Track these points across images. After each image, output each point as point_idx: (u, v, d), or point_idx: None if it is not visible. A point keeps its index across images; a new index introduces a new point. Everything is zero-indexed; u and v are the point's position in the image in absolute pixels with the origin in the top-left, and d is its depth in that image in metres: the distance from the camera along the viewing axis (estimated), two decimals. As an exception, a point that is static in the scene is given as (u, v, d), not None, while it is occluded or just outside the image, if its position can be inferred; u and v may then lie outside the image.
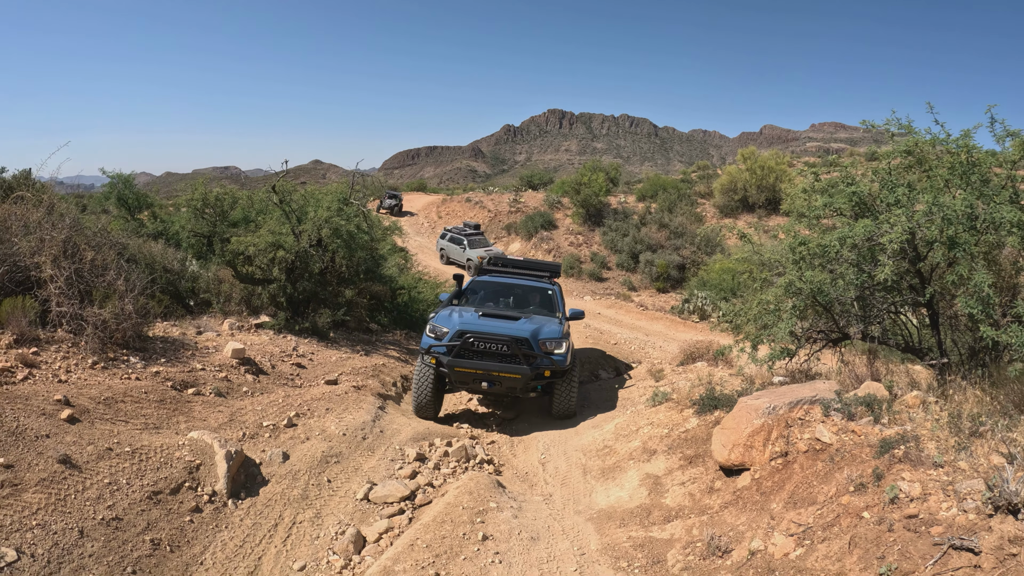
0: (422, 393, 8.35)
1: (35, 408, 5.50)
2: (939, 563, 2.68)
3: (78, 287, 7.98)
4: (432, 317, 8.72)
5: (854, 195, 5.80)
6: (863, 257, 5.86)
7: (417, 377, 8.44)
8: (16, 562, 3.93)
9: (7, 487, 4.47)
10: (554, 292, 10.44)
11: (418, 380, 8.41)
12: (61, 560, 4.02)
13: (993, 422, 3.96)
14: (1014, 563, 2.50)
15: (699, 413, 6.21)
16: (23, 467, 4.70)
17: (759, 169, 31.91)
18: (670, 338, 16.09)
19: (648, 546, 4.17)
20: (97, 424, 5.61)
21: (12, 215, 8.77)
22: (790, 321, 6.51)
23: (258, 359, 8.82)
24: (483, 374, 7.97)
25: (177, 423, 6.11)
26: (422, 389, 8.34)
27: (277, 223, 12.03)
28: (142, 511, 4.61)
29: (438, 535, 4.27)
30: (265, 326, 11.69)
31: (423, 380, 8.33)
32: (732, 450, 4.63)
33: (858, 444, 3.95)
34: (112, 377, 6.78)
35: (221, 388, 7.38)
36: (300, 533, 4.75)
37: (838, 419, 4.32)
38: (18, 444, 4.94)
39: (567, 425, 8.27)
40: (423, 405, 8.43)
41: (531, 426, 8.47)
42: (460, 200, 38.30)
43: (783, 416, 4.53)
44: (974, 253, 5.65)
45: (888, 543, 2.96)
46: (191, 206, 12.82)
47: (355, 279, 13.47)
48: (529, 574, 3.87)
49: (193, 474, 5.11)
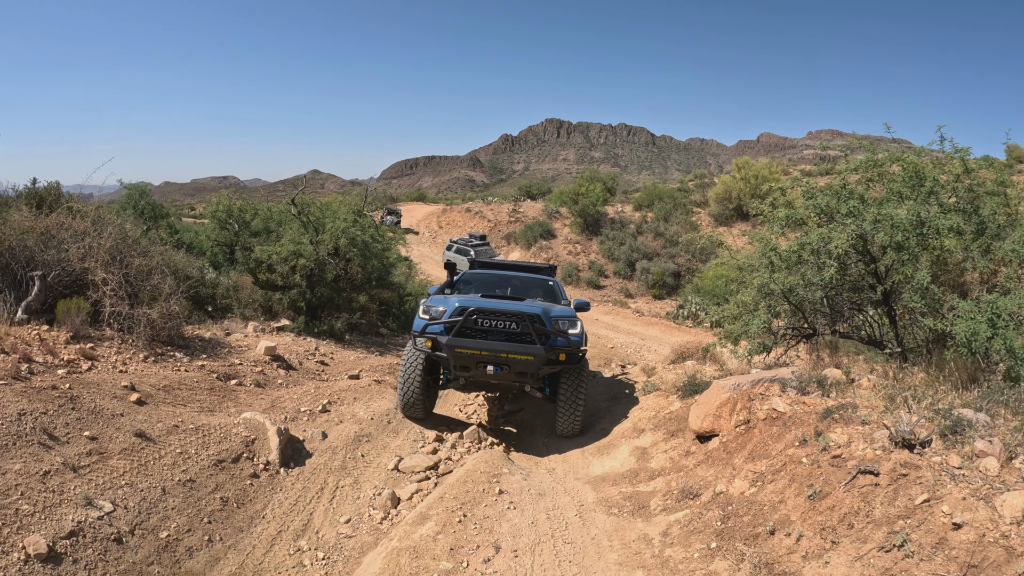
0: (409, 386, 7.34)
1: (107, 392, 6.38)
2: (849, 484, 3.55)
3: (126, 290, 8.87)
4: (424, 300, 7.65)
5: (815, 207, 6.71)
6: (823, 261, 6.76)
7: (404, 366, 7.36)
8: (112, 512, 4.78)
9: (95, 455, 5.34)
10: (555, 284, 9.54)
11: (405, 369, 7.34)
12: (149, 511, 4.88)
13: (919, 393, 4.84)
14: (903, 480, 3.37)
15: (682, 397, 7.10)
16: (106, 439, 5.57)
17: (753, 178, 32.89)
18: (664, 342, 16.91)
19: (635, 497, 5.04)
20: (160, 406, 6.49)
21: (62, 225, 9.67)
22: (763, 318, 7.39)
23: (287, 356, 9.70)
24: (489, 355, 6.89)
25: (227, 407, 6.99)
26: (410, 381, 7.33)
27: (297, 233, 12.94)
28: (210, 475, 5.48)
29: (462, 491, 5.14)
30: (286, 329, 12.56)
31: (411, 369, 7.31)
32: (704, 420, 5.52)
33: (807, 412, 4.83)
34: (164, 369, 7.65)
35: (259, 380, 8.26)
36: (343, 495, 5.61)
37: (792, 394, 5.20)
38: (98, 421, 5.81)
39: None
40: (410, 402, 7.41)
41: (534, 417, 9.31)
42: (460, 210, 39.27)
43: (747, 391, 5.41)
44: (917, 255, 6.55)
45: (816, 476, 3.83)
46: (216, 217, 13.71)
47: (367, 285, 14.38)
48: (538, 517, 4.74)
49: (249, 447, 5.98)
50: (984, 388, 4.77)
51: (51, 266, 8.87)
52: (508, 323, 6.98)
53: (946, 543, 2.83)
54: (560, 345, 7.06)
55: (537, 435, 8.00)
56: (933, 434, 3.73)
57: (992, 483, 3.13)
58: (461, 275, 9.63)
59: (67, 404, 5.79)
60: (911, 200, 7.06)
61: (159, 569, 4.36)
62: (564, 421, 7.35)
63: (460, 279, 9.44)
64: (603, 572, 3.87)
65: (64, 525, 4.32)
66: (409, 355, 7.37)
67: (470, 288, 9.13)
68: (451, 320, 6.98)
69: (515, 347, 6.87)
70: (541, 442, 7.68)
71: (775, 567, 3.34)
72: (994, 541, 2.73)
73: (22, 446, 5.01)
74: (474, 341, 6.93)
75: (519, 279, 9.57)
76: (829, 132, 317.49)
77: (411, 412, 7.61)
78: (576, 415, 7.31)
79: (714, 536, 3.91)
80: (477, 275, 9.68)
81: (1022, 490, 2.97)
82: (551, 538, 4.35)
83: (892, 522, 3.11)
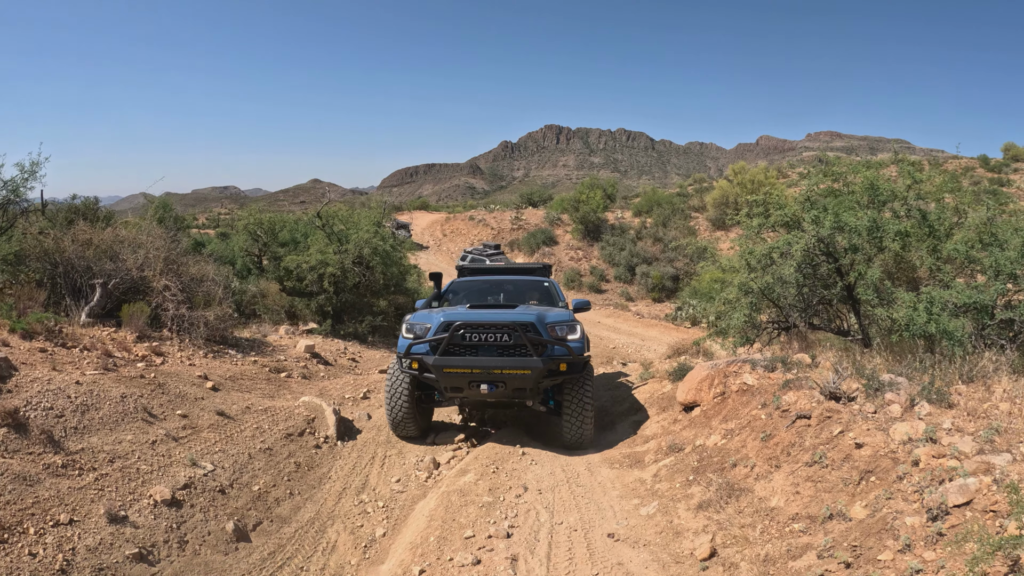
0: (396, 405, 6.89)
1: (185, 380, 7.54)
2: (790, 426, 4.70)
3: (183, 294, 10.05)
4: (408, 317, 7.15)
5: (781, 217, 7.88)
6: (789, 263, 7.92)
7: (388, 387, 6.94)
8: (213, 471, 5.92)
9: (188, 429, 6.50)
10: (551, 284, 9.00)
11: (390, 390, 6.92)
12: (241, 471, 6.03)
13: (859, 366, 5.97)
14: (827, 421, 4.51)
15: (672, 381, 8.24)
16: (194, 417, 6.73)
17: (749, 183, 34.06)
18: (663, 342, 18.03)
19: (632, 455, 6.19)
20: (231, 392, 7.66)
21: (117, 237, 10.86)
22: (743, 313, 8.52)
23: (323, 354, 10.87)
24: (482, 373, 6.33)
25: (284, 394, 8.16)
26: (396, 401, 6.88)
27: (323, 244, 14.14)
28: (283, 445, 6.64)
29: (492, 453, 6.31)
30: (313, 331, 13.72)
31: (396, 390, 6.87)
32: (688, 393, 6.67)
33: (771, 384, 5.97)
34: (224, 363, 8.82)
35: (304, 373, 9.43)
36: (391, 462, 6.76)
37: (760, 371, 6.34)
38: (185, 402, 6.98)
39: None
40: (399, 420, 6.97)
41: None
42: (463, 218, 40.30)
43: (723, 370, 6.56)
44: (871, 255, 7.70)
45: (769, 424, 4.98)
46: (248, 230, 14.92)
47: (385, 291, 15.56)
48: (555, 470, 5.90)
49: (310, 424, 7.14)
50: (910, 360, 5.90)
51: (110, 275, 10.02)
52: (499, 335, 6.42)
53: (851, 458, 3.97)
54: (559, 354, 6.50)
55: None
56: (859, 391, 4.88)
57: (892, 420, 4.28)
58: (449, 285, 9.12)
59: (157, 389, 6.97)
60: (868, 208, 8.22)
61: (256, 513, 5.50)
62: (571, 432, 6.73)
63: (448, 289, 8.93)
64: (608, 501, 5.02)
65: (179, 479, 5.48)
66: (393, 376, 6.90)
67: (459, 299, 8.63)
68: (436, 338, 6.44)
69: (509, 361, 6.31)
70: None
71: (735, 486, 4.47)
72: (884, 455, 3.85)
73: (129, 421, 6.17)
74: (463, 359, 6.41)
75: (512, 283, 9.06)
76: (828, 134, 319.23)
77: (402, 431, 7.16)
78: (585, 425, 6.69)
79: (692, 472, 5.06)
80: (466, 283, 9.14)
81: (910, 422, 4.10)
82: (567, 483, 5.51)
83: (816, 448, 4.25)
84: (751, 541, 3.79)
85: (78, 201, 13.67)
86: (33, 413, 5.63)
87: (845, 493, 3.72)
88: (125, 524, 4.67)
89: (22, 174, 10.36)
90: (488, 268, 10.04)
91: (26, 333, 7.56)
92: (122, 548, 4.43)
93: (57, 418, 5.72)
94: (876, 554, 3.05)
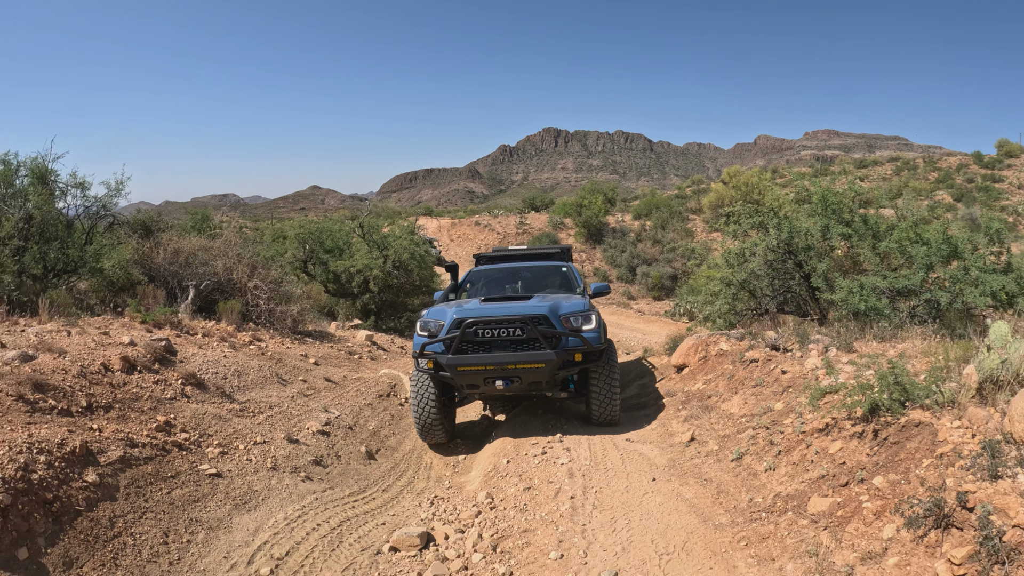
0: (424, 410, 6.97)
1: (293, 358, 9.78)
2: (746, 368, 6.96)
3: (269, 293, 12.28)
4: (423, 314, 7.27)
5: (753, 223, 10.13)
6: (758, 260, 10.16)
7: (414, 391, 6.99)
8: (339, 416, 8.10)
9: (310, 390, 8.72)
10: (569, 269, 8.96)
11: (416, 394, 6.97)
12: (356, 417, 8.24)
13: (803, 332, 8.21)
14: (769, 362, 6.77)
15: (668, 354, 10.48)
16: (311, 382, 8.96)
17: (743, 186, 36.18)
18: (662, 334, 20.08)
19: (639, 403, 8.47)
20: (327, 367, 9.90)
21: (204, 246, 13.03)
22: (724, 301, 10.75)
23: (379, 343, 13.11)
24: (495, 369, 6.46)
25: (363, 369, 10.40)
26: (423, 405, 6.96)
27: (366, 251, 16.42)
28: (379, 401, 8.88)
29: (531, 405, 8.58)
30: (359, 327, 15.96)
31: (423, 394, 6.92)
32: (678, 357, 8.93)
33: (740, 348, 8.20)
34: (309, 348, 11.05)
35: (371, 355, 11.68)
36: (460, 415, 8.98)
37: (733, 340, 8.57)
38: (300, 372, 9.20)
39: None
40: (427, 426, 7.08)
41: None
42: (469, 223, 42.12)
43: (705, 340, 8.81)
44: (822, 252, 9.94)
45: (733, 371, 7.23)
46: (299, 238, 17.16)
47: (419, 291, 17.82)
48: (583, 412, 8.18)
49: (392, 388, 9.38)
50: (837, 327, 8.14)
51: (200, 277, 12.19)
52: (512, 329, 6.49)
53: (779, 380, 6.22)
54: (574, 346, 6.59)
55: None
56: (794, 345, 7.13)
57: (808, 359, 6.53)
58: (466, 275, 9.19)
59: (278, 363, 9.20)
60: (819, 215, 10.49)
61: (375, 443, 7.73)
62: (600, 411, 7.02)
63: (466, 279, 9.02)
64: (624, 426, 7.30)
65: (321, 419, 7.69)
66: (417, 380, 7.00)
67: (476, 289, 8.73)
68: (449, 336, 6.57)
69: (523, 356, 6.42)
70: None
71: (708, 407, 6.73)
72: (799, 376, 6.08)
73: (270, 383, 8.40)
74: (477, 356, 6.51)
75: (529, 270, 9.05)
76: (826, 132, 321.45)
77: (430, 437, 7.29)
78: (613, 404, 6.97)
79: (680, 404, 7.34)
80: (483, 272, 9.17)
81: (816, 356, 6.35)
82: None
83: (759, 378, 6.50)
84: (716, 430, 6.06)
85: (142, 213, 15.81)
86: (205, 376, 7.84)
87: (774, 399, 5.97)
88: (299, 444, 6.89)
89: (109, 191, 11.46)
90: (505, 255, 9.84)
91: (156, 324, 9.74)
92: (304, 456, 6.65)
93: (223, 379, 7.93)
94: (782, 423, 5.30)
